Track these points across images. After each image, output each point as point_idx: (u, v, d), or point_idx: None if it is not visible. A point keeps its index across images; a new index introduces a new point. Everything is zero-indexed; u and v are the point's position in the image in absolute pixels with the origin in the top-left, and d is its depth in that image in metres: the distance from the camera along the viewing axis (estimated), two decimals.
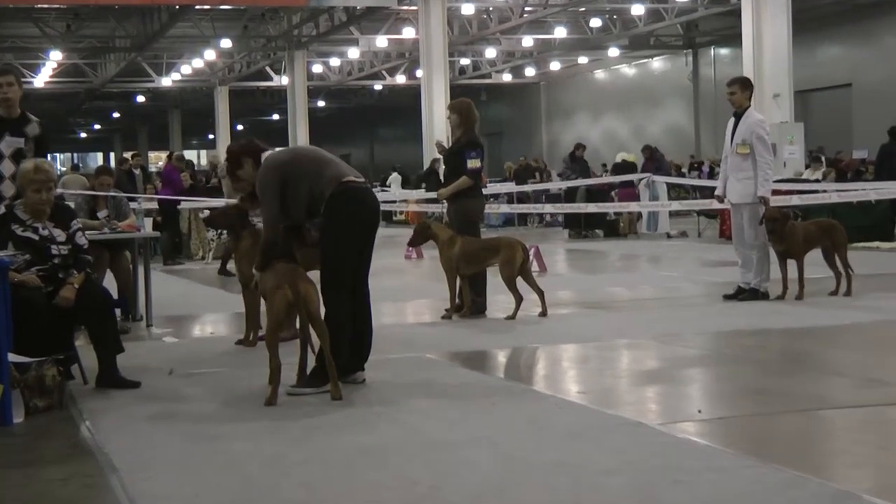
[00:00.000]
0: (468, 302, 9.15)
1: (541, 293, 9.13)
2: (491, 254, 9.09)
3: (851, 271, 9.94)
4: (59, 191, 7.62)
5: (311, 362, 6.16)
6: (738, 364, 6.96)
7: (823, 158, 21.67)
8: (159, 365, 7.12)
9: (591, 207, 19.66)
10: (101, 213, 9.60)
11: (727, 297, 9.85)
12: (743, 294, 9.77)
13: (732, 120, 9.88)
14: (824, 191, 16.87)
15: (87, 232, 7.05)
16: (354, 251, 6.20)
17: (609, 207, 20.23)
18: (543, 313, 9.06)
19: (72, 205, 8.39)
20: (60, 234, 6.50)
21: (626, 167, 21.75)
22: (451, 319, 9.05)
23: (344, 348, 6.08)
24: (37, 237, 6.42)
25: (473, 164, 9.21)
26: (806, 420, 5.30)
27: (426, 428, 5.18)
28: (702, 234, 19.91)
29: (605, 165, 28.48)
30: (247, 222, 8.07)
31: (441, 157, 9.83)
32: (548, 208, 22.54)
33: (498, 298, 9.54)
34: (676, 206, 20.34)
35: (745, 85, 9.95)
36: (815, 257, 10.07)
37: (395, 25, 33.55)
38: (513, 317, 8.95)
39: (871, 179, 18.33)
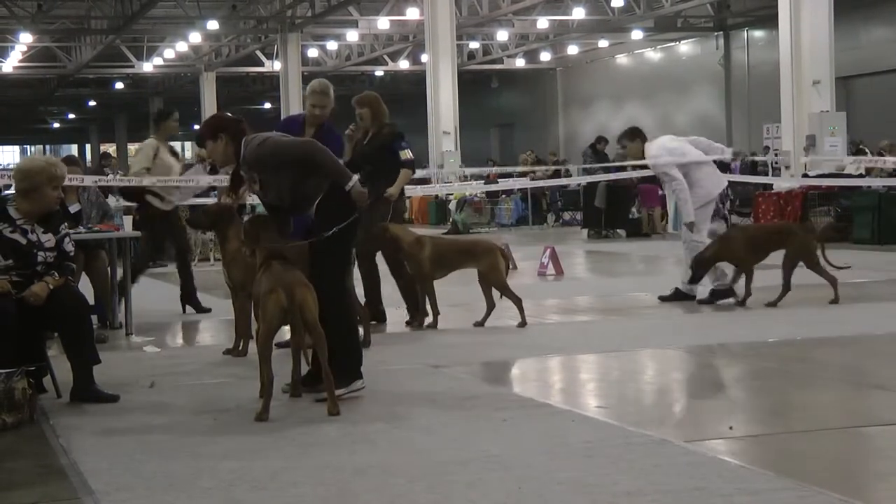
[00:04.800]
0: (436, 311, 9.07)
1: (518, 301, 9.11)
2: (466, 258, 9.17)
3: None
4: None
5: (304, 371, 6.19)
6: (773, 377, 6.95)
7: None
8: (139, 377, 7.14)
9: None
10: (73, 208, 9.60)
11: (700, 302, 10.21)
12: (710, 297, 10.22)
13: None
14: (868, 187, 16.84)
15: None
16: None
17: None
18: (522, 324, 9.02)
19: None
20: (49, 240, 6.49)
21: None
22: (423, 328, 9.05)
23: (359, 349, 6.45)
24: (24, 241, 6.40)
25: (407, 154, 9.39)
26: (848, 438, 5.31)
27: (430, 446, 5.20)
28: None
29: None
30: (234, 221, 8.05)
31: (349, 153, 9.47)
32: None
33: (503, 304, 9.54)
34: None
35: (632, 135, 10.49)
36: (868, 261, 10.03)
37: (398, 6, 33.60)
38: (481, 323, 9.04)
39: None
